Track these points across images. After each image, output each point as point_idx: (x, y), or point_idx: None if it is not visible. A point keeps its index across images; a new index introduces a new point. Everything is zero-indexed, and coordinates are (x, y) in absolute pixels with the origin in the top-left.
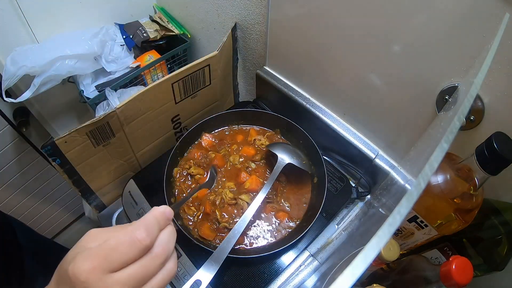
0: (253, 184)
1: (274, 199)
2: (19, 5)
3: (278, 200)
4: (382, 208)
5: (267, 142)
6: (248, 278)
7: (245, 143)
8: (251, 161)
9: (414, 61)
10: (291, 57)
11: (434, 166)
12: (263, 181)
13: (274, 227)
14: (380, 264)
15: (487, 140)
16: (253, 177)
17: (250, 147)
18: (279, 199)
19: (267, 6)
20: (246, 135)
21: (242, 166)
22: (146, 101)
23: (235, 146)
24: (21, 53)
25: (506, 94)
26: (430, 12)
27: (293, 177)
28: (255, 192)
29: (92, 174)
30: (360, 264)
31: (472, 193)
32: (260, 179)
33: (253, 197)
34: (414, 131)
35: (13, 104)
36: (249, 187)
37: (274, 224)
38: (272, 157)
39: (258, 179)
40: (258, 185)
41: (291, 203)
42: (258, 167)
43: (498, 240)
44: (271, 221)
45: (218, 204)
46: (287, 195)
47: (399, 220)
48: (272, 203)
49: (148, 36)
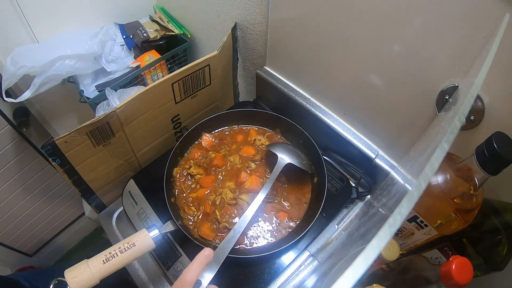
0: (253, 184)
1: (274, 199)
2: (19, 5)
3: (278, 200)
4: (382, 208)
5: (267, 142)
6: (248, 278)
7: (245, 143)
8: (251, 161)
9: (414, 61)
10: (291, 57)
11: (434, 166)
12: (263, 181)
13: (274, 227)
14: (380, 264)
15: (487, 140)
16: (253, 177)
17: (250, 147)
18: (279, 199)
19: (267, 6)
20: (246, 135)
21: (242, 166)
22: (146, 101)
23: (235, 145)
24: (21, 53)
25: (506, 94)
26: (430, 12)
27: (293, 177)
28: (255, 191)
29: (92, 174)
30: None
31: (472, 193)
32: (260, 179)
33: (253, 196)
34: (414, 131)
35: (13, 104)
36: (249, 187)
37: (274, 224)
38: (272, 157)
39: (258, 179)
40: (258, 185)
41: (291, 203)
42: (258, 167)
43: (498, 240)
44: (271, 221)
45: (218, 204)
46: (287, 195)
47: (399, 220)
48: (272, 203)
49: (148, 36)
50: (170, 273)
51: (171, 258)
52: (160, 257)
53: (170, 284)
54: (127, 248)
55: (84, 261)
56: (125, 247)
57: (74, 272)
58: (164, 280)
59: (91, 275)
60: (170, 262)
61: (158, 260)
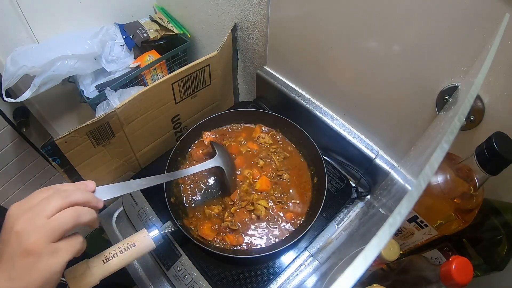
0: (263, 185)
1: (282, 198)
2: (19, 5)
3: (285, 201)
4: (382, 208)
5: (270, 140)
6: (248, 278)
7: (249, 139)
8: (258, 157)
9: (414, 61)
10: (291, 57)
11: (434, 166)
12: (272, 182)
13: (274, 227)
14: (380, 264)
15: (487, 140)
16: (263, 178)
17: (254, 143)
18: (286, 200)
19: (267, 6)
20: (249, 133)
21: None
22: (146, 101)
23: (241, 138)
24: (21, 53)
25: (506, 94)
26: (430, 12)
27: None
28: (265, 192)
29: (92, 174)
30: (360, 264)
31: (472, 193)
32: (269, 179)
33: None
34: (414, 131)
35: (13, 104)
36: (259, 188)
37: (274, 224)
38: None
39: (268, 180)
40: (268, 185)
41: (295, 203)
42: (266, 164)
43: (498, 240)
44: (271, 221)
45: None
46: (292, 196)
47: (399, 220)
48: (281, 204)
49: (148, 36)
50: (170, 273)
51: (171, 258)
52: (160, 257)
53: (170, 284)
54: (127, 248)
55: (84, 261)
56: (125, 247)
57: (74, 272)
58: (164, 280)
59: (91, 275)
60: (170, 262)
61: (158, 260)
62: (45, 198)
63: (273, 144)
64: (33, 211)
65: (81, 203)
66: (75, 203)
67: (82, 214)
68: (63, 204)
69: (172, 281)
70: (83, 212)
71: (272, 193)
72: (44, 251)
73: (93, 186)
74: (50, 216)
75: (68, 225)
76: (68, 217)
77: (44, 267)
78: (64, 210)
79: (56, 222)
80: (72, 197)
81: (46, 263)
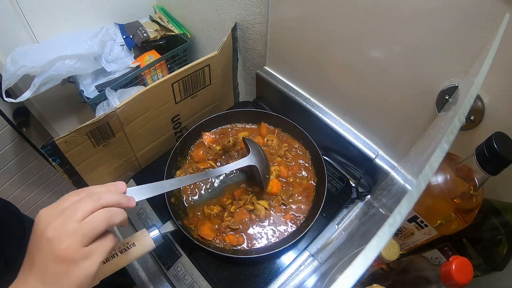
0: (274, 187)
1: (287, 200)
2: (19, 5)
3: (288, 203)
4: (382, 208)
5: (277, 141)
6: (248, 278)
7: (255, 138)
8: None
9: (414, 61)
10: (291, 57)
11: (434, 166)
12: (283, 185)
13: (275, 227)
14: (380, 264)
15: (487, 140)
16: (274, 181)
17: (260, 140)
18: (288, 201)
19: (267, 6)
20: (250, 132)
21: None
22: (146, 101)
23: (244, 133)
24: (21, 53)
25: (506, 94)
26: (430, 12)
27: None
28: (275, 196)
29: (92, 174)
30: (360, 264)
31: (472, 193)
32: (280, 182)
33: (270, 202)
34: (414, 131)
35: (13, 104)
36: (270, 190)
37: (274, 224)
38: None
39: (279, 183)
40: (279, 188)
41: (296, 203)
42: (278, 164)
43: (498, 240)
44: (271, 221)
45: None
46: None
47: (399, 220)
48: (285, 205)
49: (148, 36)
50: (170, 273)
51: (171, 258)
52: (160, 257)
53: (170, 284)
54: (127, 248)
55: None
56: (125, 247)
57: None
58: (164, 280)
59: None
60: (170, 262)
61: (158, 260)
62: (75, 202)
63: (281, 143)
64: (64, 216)
65: (112, 204)
66: (106, 205)
67: (114, 214)
68: (94, 207)
69: (172, 281)
70: (115, 212)
71: (281, 196)
72: (77, 256)
73: (123, 187)
74: (81, 219)
75: (101, 228)
76: (100, 220)
77: (78, 272)
78: (96, 212)
79: (88, 225)
80: (103, 199)
81: (79, 268)
